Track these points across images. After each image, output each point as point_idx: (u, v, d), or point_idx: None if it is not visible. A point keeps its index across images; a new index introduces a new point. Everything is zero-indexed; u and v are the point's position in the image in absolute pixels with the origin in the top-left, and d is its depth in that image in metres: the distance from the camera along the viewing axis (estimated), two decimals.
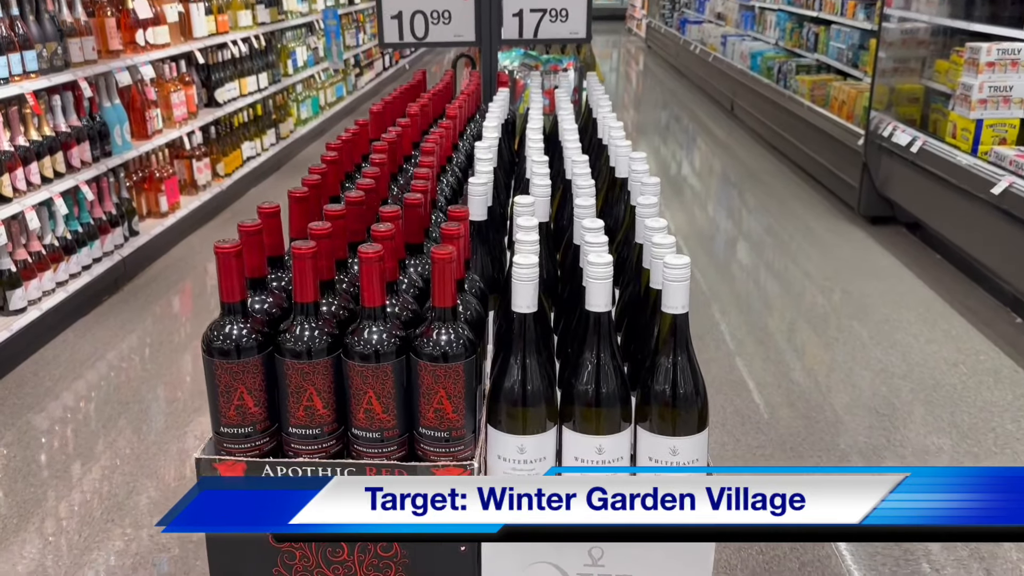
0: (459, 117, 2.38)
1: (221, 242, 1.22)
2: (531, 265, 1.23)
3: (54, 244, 4.21)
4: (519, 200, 1.53)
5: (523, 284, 1.23)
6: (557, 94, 2.87)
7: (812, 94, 7.48)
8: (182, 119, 5.63)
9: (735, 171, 8.20)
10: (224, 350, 1.25)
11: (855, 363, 4.10)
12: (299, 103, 8.31)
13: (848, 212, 6.30)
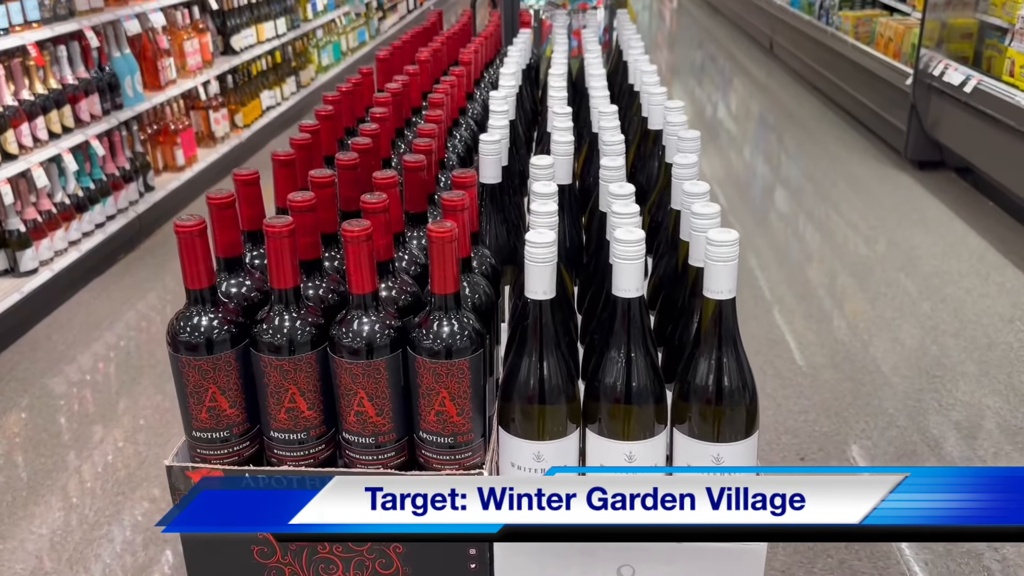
0: (474, 63, 2.17)
1: (181, 219, 1.04)
2: (547, 244, 1.03)
3: (65, 202, 4.08)
4: (535, 162, 1.33)
5: (537, 266, 1.04)
6: (584, 35, 2.63)
7: (856, 31, 7.07)
8: (197, 68, 5.44)
9: (774, 114, 7.85)
10: (192, 344, 1.07)
11: (903, 319, 3.87)
12: (320, 49, 8.06)
13: (894, 156, 5.98)
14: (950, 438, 3.05)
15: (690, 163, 1.31)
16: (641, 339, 1.08)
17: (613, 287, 1.06)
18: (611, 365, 1.09)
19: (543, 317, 1.07)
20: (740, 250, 1.22)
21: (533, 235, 1.03)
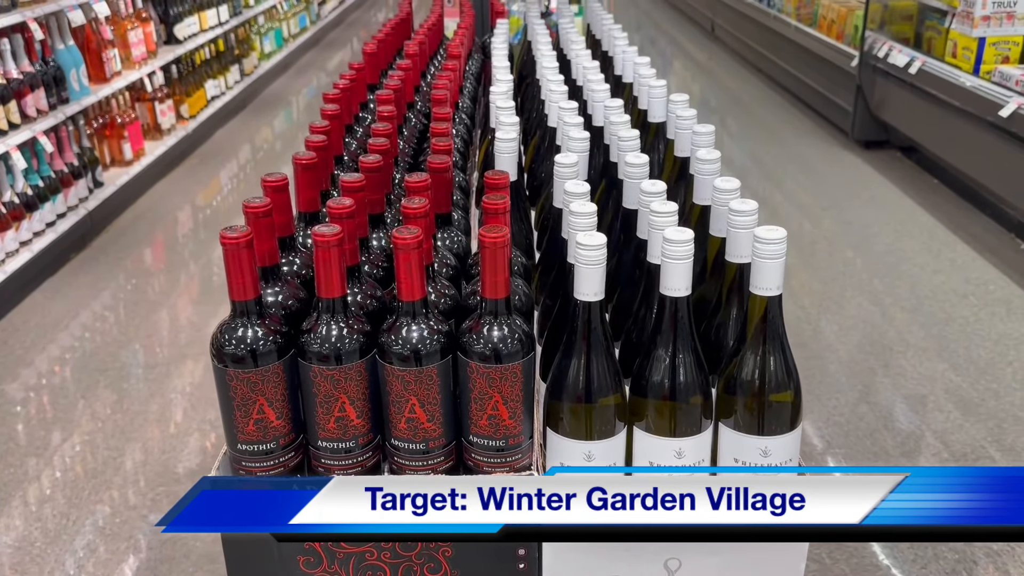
0: (462, 56, 2.15)
1: (228, 230, 1.02)
2: (598, 246, 1.04)
3: (14, 201, 3.93)
4: (561, 160, 1.33)
5: (589, 269, 1.05)
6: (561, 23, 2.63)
7: (799, 13, 7.20)
8: (141, 59, 5.28)
9: (717, 96, 7.96)
10: (239, 357, 1.05)
11: (863, 297, 3.98)
12: (262, 36, 7.89)
13: (840, 137, 6.12)
14: (908, 412, 3.16)
15: (713, 159, 1.33)
16: (689, 338, 1.09)
17: (661, 286, 1.07)
18: (658, 364, 1.10)
19: (592, 319, 1.08)
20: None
21: (584, 238, 1.04)
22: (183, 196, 5.46)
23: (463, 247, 1.39)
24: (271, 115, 7.24)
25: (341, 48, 9.86)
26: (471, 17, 2.79)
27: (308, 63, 9.09)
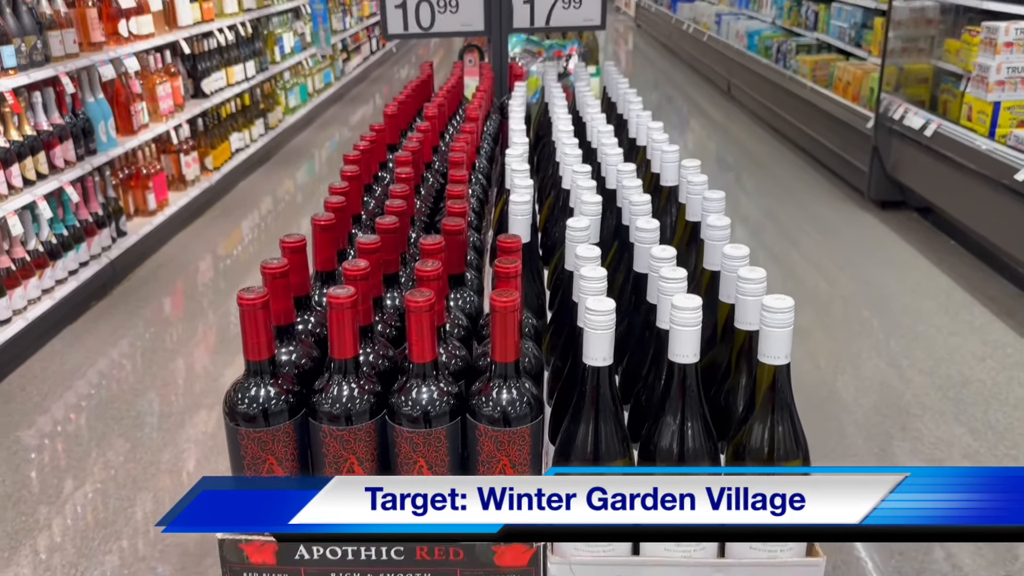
0: (480, 119, 2.20)
1: (245, 291, 1.04)
2: (607, 312, 1.05)
3: (38, 249, 4.00)
4: (572, 224, 1.35)
5: (598, 334, 1.06)
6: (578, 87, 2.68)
7: (814, 74, 7.30)
8: (168, 112, 5.40)
9: (734, 154, 8.03)
10: (250, 416, 1.07)
11: (879, 359, 3.96)
12: (287, 91, 8.07)
13: (856, 196, 6.15)
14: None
15: (723, 225, 1.35)
16: (697, 404, 1.10)
17: (669, 352, 1.08)
18: (667, 430, 1.10)
19: (600, 384, 1.09)
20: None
21: (593, 303, 1.05)
22: (204, 246, 5.54)
23: (475, 307, 1.41)
24: (294, 167, 7.36)
25: (364, 103, 10.05)
26: (490, 80, 2.85)
27: (332, 117, 9.26)
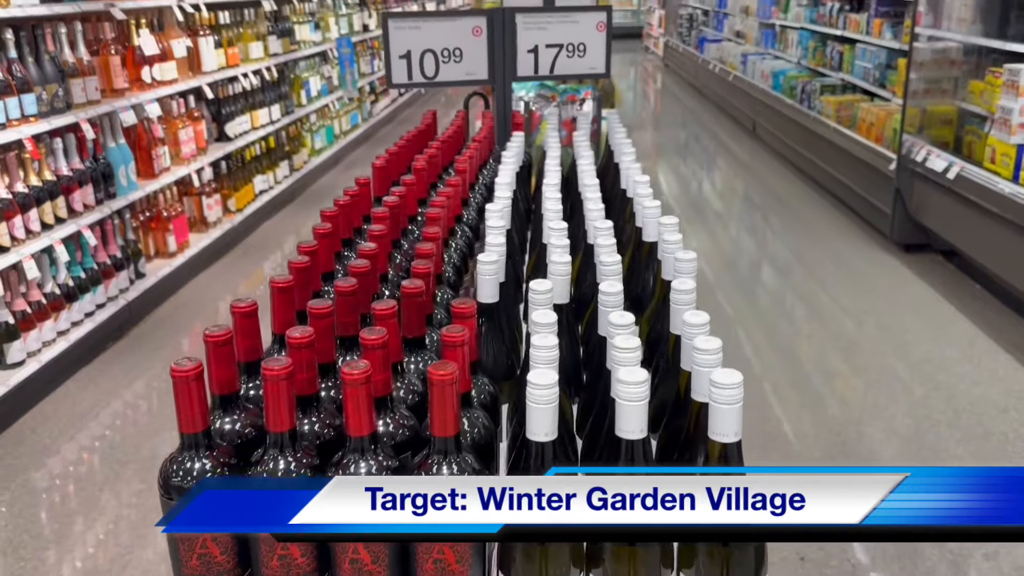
0: (469, 170, 2.19)
1: (179, 362, 1.03)
2: (549, 385, 1.02)
3: (55, 292, 4.06)
4: (535, 287, 1.33)
5: (539, 409, 1.03)
6: (576, 137, 2.67)
7: (838, 115, 7.24)
8: (191, 156, 5.49)
9: (759, 193, 7.98)
10: (184, 489, 1.05)
11: (896, 408, 3.85)
12: (313, 133, 8.18)
13: (879, 238, 6.05)
14: None
15: (688, 288, 1.31)
16: None
17: (616, 427, 1.05)
18: None
19: (545, 460, 1.05)
20: (731, 329, 1.17)
21: (535, 376, 1.02)
22: (224, 287, 5.59)
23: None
24: (318, 209, 7.42)
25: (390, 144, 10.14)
26: (489, 128, 2.85)
27: (358, 158, 9.37)
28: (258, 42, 6.71)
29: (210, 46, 5.80)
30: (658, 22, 18.62)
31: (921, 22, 5.78)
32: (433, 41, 3.11)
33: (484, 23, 3.12)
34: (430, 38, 3.10)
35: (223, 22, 6.11)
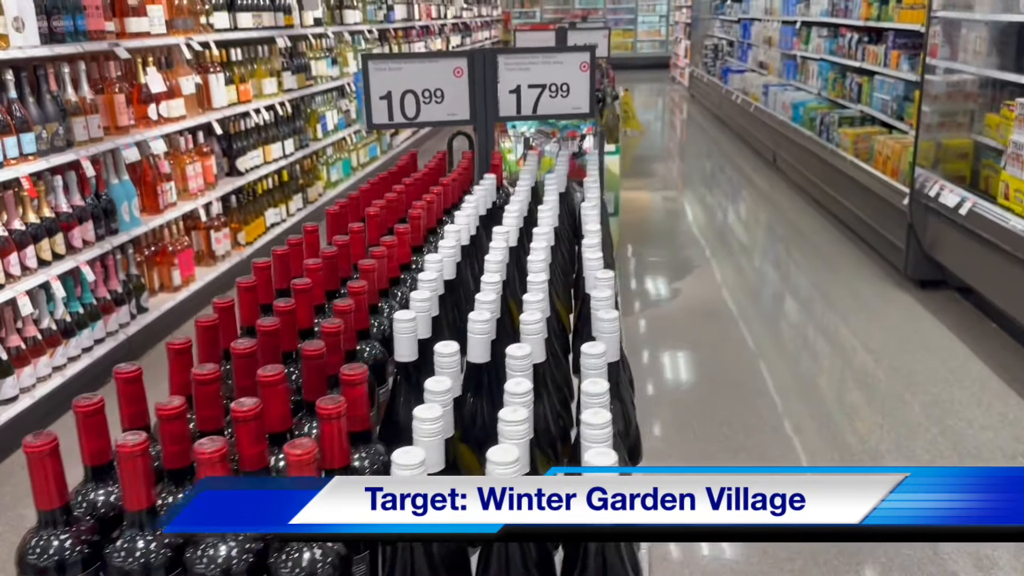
0: (425, 216, 2.15)
1: (32, 436, 1.00)
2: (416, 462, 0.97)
3: (51, 328, 4.09)
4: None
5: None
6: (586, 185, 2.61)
7: (855, 147, 7.13)
8: (199, 191, 5.54)
9: (779, 225, 7.89)
10: (40, 569, 1.01)
11: (900, 453, 3.73)
12: (329, 166, 8.23)
13: (895, 274, 5.92)
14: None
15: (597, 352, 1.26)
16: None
17: None
18: None
19: None
20: (754, 362, 1.09)
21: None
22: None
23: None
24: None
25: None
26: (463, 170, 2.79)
27: None
28: (272, 78, 6.79)
29: (220, 83, 5.87)
30: (684, 52, 18.60)
31: (937, 54, 5.68)
32: (414, 82, 3.10)
33: (465, 64, 3.11)
34: (411, 79, 3.10)
35: (235, 59, 6.18)
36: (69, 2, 4.19)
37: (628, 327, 5.36)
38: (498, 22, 19.18)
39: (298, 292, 1.55)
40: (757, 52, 12.25)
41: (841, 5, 8.30)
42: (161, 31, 5.09)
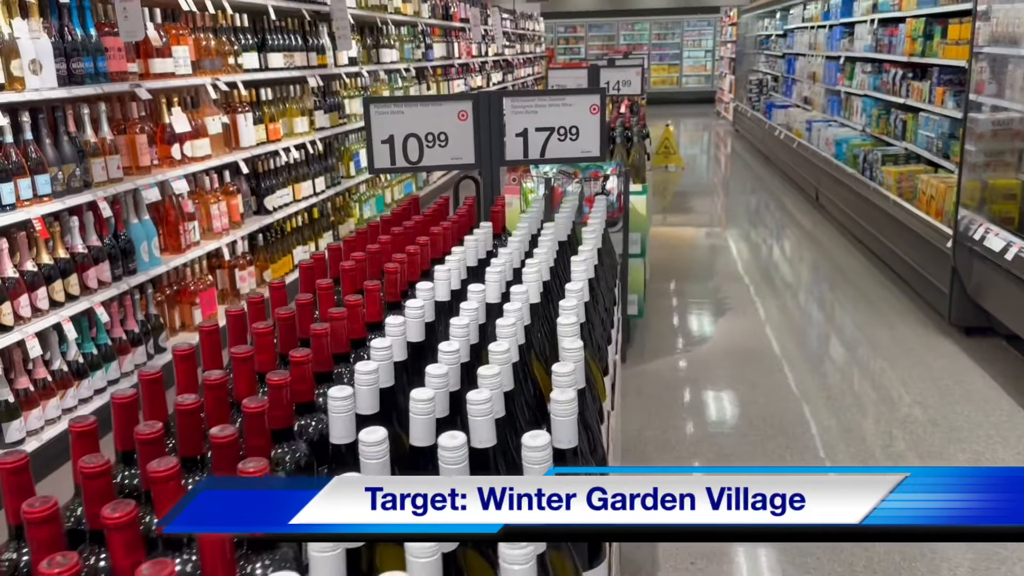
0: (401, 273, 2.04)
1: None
2: None
3: (63, 369, 4.07)
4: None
5: None
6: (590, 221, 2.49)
7: (899, 186, 6.88)
8: (223, 230, 5.53)
9: (822, 265, 7.67)
10: None
11: None
12: (362, 203, 8.22)
13: (939, 319, 5.65)
14: None
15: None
16: None
17: None
18: None
19: None
20: (798, 405, 1.00)
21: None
22: None
23: None
24: None
25: None
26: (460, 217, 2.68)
27: None
28: (303, 117, 6.80)
29: (249, 122, 5.88)
30: (729, 87, 18.44)
31: (983, 91, 5.46)
32: (417, 125, 3.02)
33: (470, 107, 3.02)
34: (413, 122, 3.02)
35: (265, 98, 6.20)
36: (91, 44, 4.21)
37: (669, 364, 5.20)
38: (542, 59, 19.24)
39: (237, 361, 1.45)
40: (801, 87, 12.04)
41: (885, 40, 8.09)
42: (187, 71, 5.11)
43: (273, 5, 6.25)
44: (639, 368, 5.08)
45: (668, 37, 24.17)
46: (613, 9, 24.14)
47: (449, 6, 11.85)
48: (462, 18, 12.46)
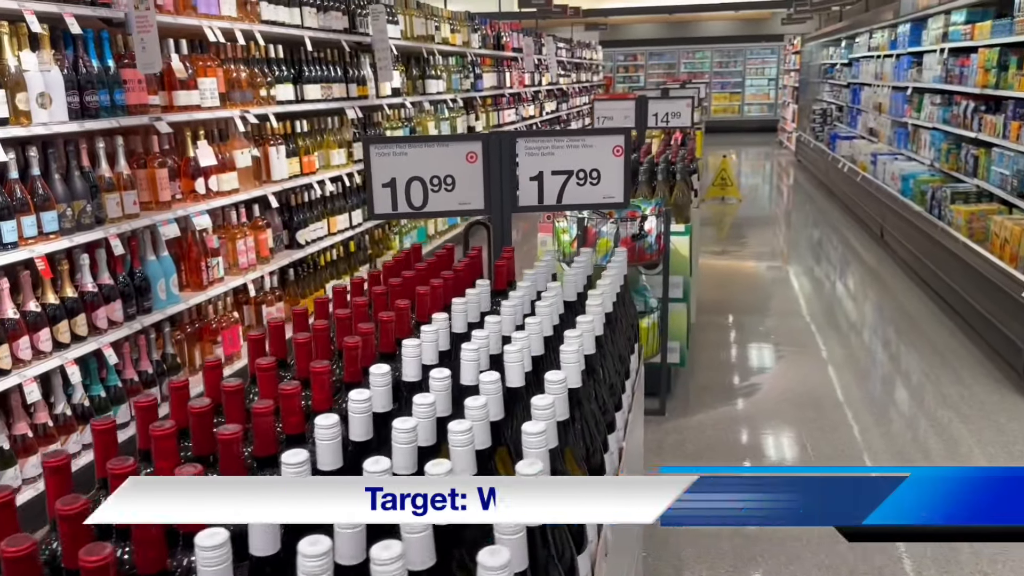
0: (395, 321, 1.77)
1: None
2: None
3: (66, 413, 3.90)
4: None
5: None
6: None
7: (969, 227, 6.41)
8: (249, 265, 5.35)
9: (890, 306, 7.21)
10: None
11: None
12: (403, 235, 8.03)
13: (1013, 376, 5.16)
14: None
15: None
16: None
17: None
18: None
19: None
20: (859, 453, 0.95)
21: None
22: None
23: None
24: None
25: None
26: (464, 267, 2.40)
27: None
28: (340, 149, 6.64)
29: (281, 155, 5.73)
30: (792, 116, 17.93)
31: None
32: (421, 168, 2.76)
33: (479, 148, 2.75)
34: (417, 165, 2.76)
35: (300, 130, 6.06)
36: (107, 77, 4.09)
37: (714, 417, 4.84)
38: (599, 87, 18.99)
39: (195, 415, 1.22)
40: (867, 118, 11.54)
41: (956, 71, 7.62)
42: (214, 104, 4.97)
43: (311, 36, 6.12)
44: (680, 422, 4.72)
45: (730, 65, 23.71)
46: (673, 37, 23.82)
47: (501, 36, 11.70)
48: (515, 47, 12.29)
